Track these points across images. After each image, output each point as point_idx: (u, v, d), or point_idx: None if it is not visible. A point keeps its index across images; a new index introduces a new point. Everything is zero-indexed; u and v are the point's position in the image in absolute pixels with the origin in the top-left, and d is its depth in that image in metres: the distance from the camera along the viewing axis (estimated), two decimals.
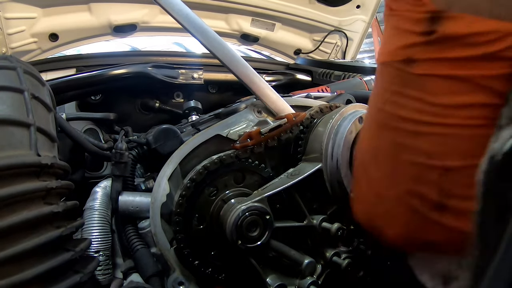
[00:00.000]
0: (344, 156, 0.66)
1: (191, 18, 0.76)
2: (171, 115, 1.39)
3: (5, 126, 0.51)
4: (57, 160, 0.56)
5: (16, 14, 1.48)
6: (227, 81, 1.43)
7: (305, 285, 0.69)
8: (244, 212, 0.63)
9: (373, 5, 2.05)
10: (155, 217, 0.70)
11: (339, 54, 2.18)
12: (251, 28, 2.02)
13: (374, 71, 1.44)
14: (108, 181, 0.86)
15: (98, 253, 0.77)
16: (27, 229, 0.48)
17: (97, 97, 1.31)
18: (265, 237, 0.65)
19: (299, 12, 1.97)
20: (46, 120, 0.61)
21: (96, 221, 0.79)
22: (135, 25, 1.80)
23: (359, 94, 1.00)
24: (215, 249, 0.70)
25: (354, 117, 0.68)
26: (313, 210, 0.72)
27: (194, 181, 0.68)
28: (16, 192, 0.47)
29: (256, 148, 0.73)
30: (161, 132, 0.84)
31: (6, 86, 0.56)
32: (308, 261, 0.70)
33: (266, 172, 0.74)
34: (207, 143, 0.75)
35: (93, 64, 1.34)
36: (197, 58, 1.50)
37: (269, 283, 0.67)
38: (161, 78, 1.26)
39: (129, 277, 0.74)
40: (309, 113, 0.77)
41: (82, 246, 0.55)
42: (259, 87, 0.78)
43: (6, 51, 1.48)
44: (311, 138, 0.73)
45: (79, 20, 1.65)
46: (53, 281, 0.49)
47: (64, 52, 1.74)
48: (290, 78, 1.59)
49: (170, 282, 0.69)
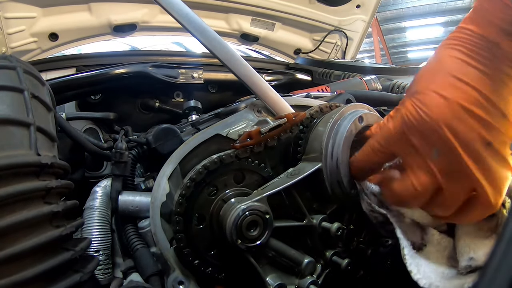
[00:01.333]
0: (344, 155, 0.66)
1: (191, 18, 0.76)
2: (171, 115, 1.39)
3: (5, 126, 0.51)
4: (57, 160, 0.56)
5: (16, 13, 1.48)
6: (227, 80, 1.43)
7: (305, 285, 0.69)
8: (243, 211, 0.63)
9: (373, 5, 2.06)
10: (155, 216, 0.70)
11: (339, 54, 2.19)
12: (251, 27, 2.03)
13: (374, 70, 1.44)
14: (108, 181, 0.86)
15: (98, 252, 0.77)
16: (26, 228, 0.48)
17: (97, 97, 1.31)
18: (264, 236, 0.65)
19: (299, 12, 1.97)
20: (46, 119, 0.61)
21: (96, 220, 0.79)
22: (135, 25, 1.80)
23: (359, 94, 1.00)
24: (215, 249, 0.70)
25: (354, 116, 0.68)
26: (313, 210, 0.72)
27: (194, 181, 0.68)
28: (16, 191, 0.47)
29: (256, 148, 0.73)
30: (161, 132, 0.84)
31: (6, 86, 0.56)
32: (307, 260, 0.70)
33: (266, 172, 0.74)
34: (207, 143, 0.75)
35: (93, 63, 1.34)
36: (197, 57, 1.51)
37: (268, 283, 0.67)
38: (161, 78, 1.26)
39: (129, 277, 0.74)
40: (309, 112, 0.77)
41: (82, 246, 0.55)
42: (259, 87, 0.78)
43: (6, 51, 1.48)
44: (311, 138, 0.73)
45: (79, 20, 1.66)
46: (53, 281, 0.49)
47: (64, 51, 1.74)
48: (290, 78, 1.59)
49: (170, 282, 0.69)
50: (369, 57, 15.73)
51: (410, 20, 13.45)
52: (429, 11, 12.65)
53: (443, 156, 0.48)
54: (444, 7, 12.28)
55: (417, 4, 12.00)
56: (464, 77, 0.47)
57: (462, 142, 0.46)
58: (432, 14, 12.94)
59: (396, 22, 13.48)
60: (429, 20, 13.48)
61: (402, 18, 13.13)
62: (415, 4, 11.99)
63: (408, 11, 12.55)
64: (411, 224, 0.60)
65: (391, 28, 14.02)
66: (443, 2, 11.85)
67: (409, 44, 16.76)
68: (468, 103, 0.46)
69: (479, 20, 0.48)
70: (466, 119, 0.46)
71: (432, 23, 13.99)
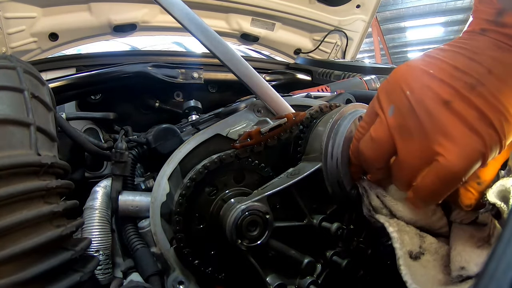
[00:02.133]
0: (344, 155, 0.66)
1: (191, 18, 0.76)
2: (171, 115, 1.39)
3: (5, 126, 0.51)
4: (57, 160, 0.56)
5: (16, 13, 1.48)
6: (227, 80, 1.43)
7: (305, 285, 0.69)
8: (243, 211, 0.63)
9: (373, 5, 2.06)
10: (155, 216, 0.70)
11: (339, 54, 2.19)
12: (251, 27, 2.02)
13: (374, 70, 1.44)
14: (108, 181, 0.86)
15: (98, 252, 0.77)
16: (27, 228, 0.48)
17: (97, 97, 1.31)
18: (264, 236, 0.65)
19: (299, 12, 1.97)
20: (46, 119, 0.61)
21: (96, 220, 0.79)
22: (135, 25, 1.80)
23: (359, 94, 1.00)
24: (215, 249, 0.70)
25: (354, 116, 0.68)
26: (313, 210, 0.72)
27: (194, 181, 0.68)
28: (16, 191, 0.47)
29: (256, 148, 0.73)
30: (161, 132, 0.84)
31: (6, 86, 0.56)
32: (307, 260, 0.70)
33: (266, 172, 0.74)
34: (207, 143, 0.75)
35: (93, 63, 1.34)
36: (197, 57, 1.51)
37: (268, 283, 0.67)
38: (161, 78, 1.26)
39: (129, 277, 0.74)
40: (309, 112, 0.77)
41: (82, 246, 0.55)
42: (259, 87, 0.78)
43: (6, 51, 1.48)
44: (311, 138, 0.73)
45: (79, 20, 1.66)
46: (53, 281, 0.49)
47: (64, 51, 1.74)
48: (290, 78, 1.59)
49: (170, 282, 0.69)
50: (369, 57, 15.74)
51: (410, 20, 13.44)
52: (429, 11, 12.65)
53: (397, 112, 0.50)
54: (444, 7, 12.28)
55: (417, 4, 11.99)
56: (436, 55, 0.49)
57: (416, 99, 0.48)
58: (432, 14, 12.93)
59: (396, 22, 13.48)
60: (429, 20, 13.48)
61: (402, 18, 13.13)
62: (415, 4, 11.98)
63: (408, 11, 12.55)
64: (409, 232, 0.60)
65: (391, 28, 14.02)
66: (443, 2, 11.85)
67: (409, 44, 16.76)
68: (429, 68, 0.48)
69: (472, 21, 0.51)
70: (423, 79, 0.48)
71: (432, 23, 13.98)
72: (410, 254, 0.57)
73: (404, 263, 0.55)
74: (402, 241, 0.57)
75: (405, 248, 0.56)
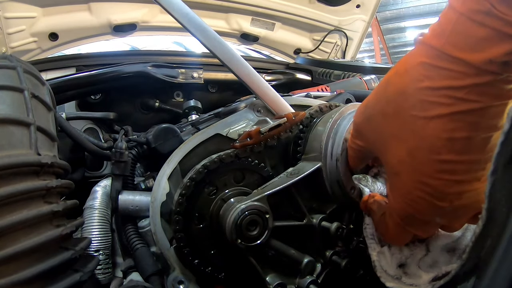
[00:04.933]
0: (343, 155, 0.66)
1: (191, 18, 0.76)
2: (171, 115, 1.39)
3: (5, 125, 0.51)
4: (57, 159, 0.56)
5: (16, 13, 1.48)
6: (227, 80, 1.43)
7: (305, 284, 0.69)
8: (243, 211, 0.63)
9: (373, 4, 2.06)
10: (155, 216, 0.70)
11: (339, 54, 2.19)
12: (251, 27, 2.03)
13: (374, 70, 1.44)
14: (108, 180, 0.86)
15: (98, 252, 0.77)
16: (27, 228, 0.48)
17: (97, 97, 1.31)
18: (264, 236, 0.65)
19: (299, 12, 1.97)
20: (46, 119, 0.61)
21: (96, 220, 0.79)
22: (135, 25, 1.80)
23: (358, 94, 1.00)
24: (215, 248, 0.70)
25: None
26: (313, 209, 0.72)
27: (194, 180, 0.68)
28: (16, 191, 0.47)
29: (256, 147, 0.73)
30: (161, 131, 0.84)
31: (6, 85, 0.56)
32: (307, 260, 0.70)
33: (265, 171, 0.74)
34: (206, 142, 0.75)
35: (93, 63, 1.34)
36: (197, 57, 1.51)
37: (268, 282, 0.67)
38: (161, 78, 1.26)
39: (129, 276, 0.74)
40: (308, 112, 0.77)
41: (82, 245, 0.55)
42: (259, 87, 0.78)
43: (6, 51, 1.48)
44: (311, 137, 0.73)
45: (79, 20, 1.66)
46: (53, 280, 0.49)
47: (64, 51, 1.74)
48: (290, 78, 1.59)
49: (170, 281, 0.69)
50: (369, 57, 15.72)
51: (410, 20, 13.43)
52: (429, 11, 12.64)
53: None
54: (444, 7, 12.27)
55: (417, 4, 11.99)
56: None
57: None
58: (432, 14, 12.92)
59: (396, 22, 13.47)
60: (429, 20, 13.46)
61: (402, 18, 13.12)
62: (415, 4, 11.98)
63: (408, 11, 12.54)
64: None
65: (391, 28, 14.01)
66: (443, 2, 11.84)
67: (409, 44, 16.73)
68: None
69: None
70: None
71: (432, 23, 13.95)
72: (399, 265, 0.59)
73: (383, 276, 0.58)
74: (384, 255, 0.59)
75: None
